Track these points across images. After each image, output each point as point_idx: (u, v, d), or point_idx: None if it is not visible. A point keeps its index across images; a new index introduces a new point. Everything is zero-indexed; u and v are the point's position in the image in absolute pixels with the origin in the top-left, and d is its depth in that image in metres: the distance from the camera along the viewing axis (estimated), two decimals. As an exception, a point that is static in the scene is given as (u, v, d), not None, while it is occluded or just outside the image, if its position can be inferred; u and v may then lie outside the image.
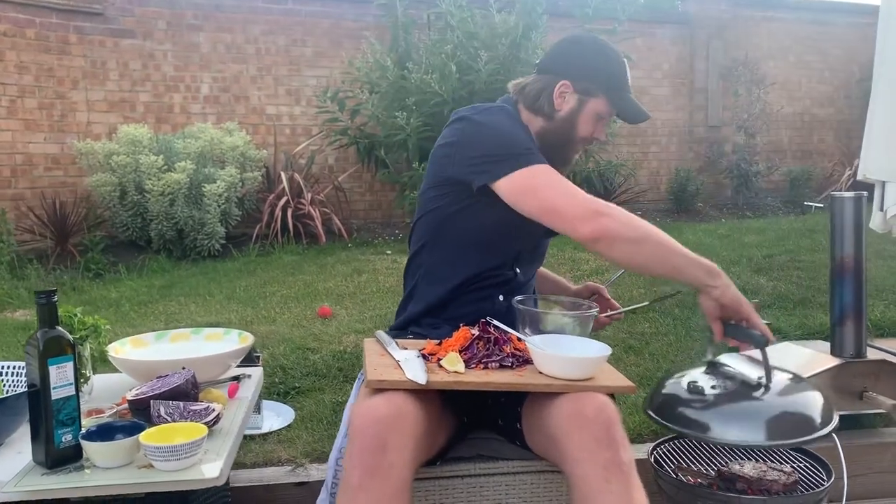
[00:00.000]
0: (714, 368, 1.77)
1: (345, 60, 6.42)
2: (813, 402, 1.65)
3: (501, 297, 1.73)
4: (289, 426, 2.43)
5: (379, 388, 1.37)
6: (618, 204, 1.64)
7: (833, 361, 2.31)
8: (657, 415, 1.69)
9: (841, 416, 2.28)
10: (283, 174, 5.99)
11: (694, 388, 1.67)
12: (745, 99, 7.94)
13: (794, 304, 3.80)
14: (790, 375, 1.75)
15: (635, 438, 2.32)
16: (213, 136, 5.61)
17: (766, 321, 2.92)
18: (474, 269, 1.72)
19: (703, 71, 8.12)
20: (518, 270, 1.76)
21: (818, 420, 1.60)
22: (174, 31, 6.29)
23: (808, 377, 2.26)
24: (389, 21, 6.44)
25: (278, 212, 5.74)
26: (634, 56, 7.28)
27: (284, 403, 2.62)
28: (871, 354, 2.38)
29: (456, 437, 1.63)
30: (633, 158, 7.74)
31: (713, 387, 1.66)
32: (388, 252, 5.51)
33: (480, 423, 1.68)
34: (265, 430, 2.37)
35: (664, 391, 1.76)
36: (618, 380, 1.53)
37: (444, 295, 1.74)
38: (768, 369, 1.67)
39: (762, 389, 1.64)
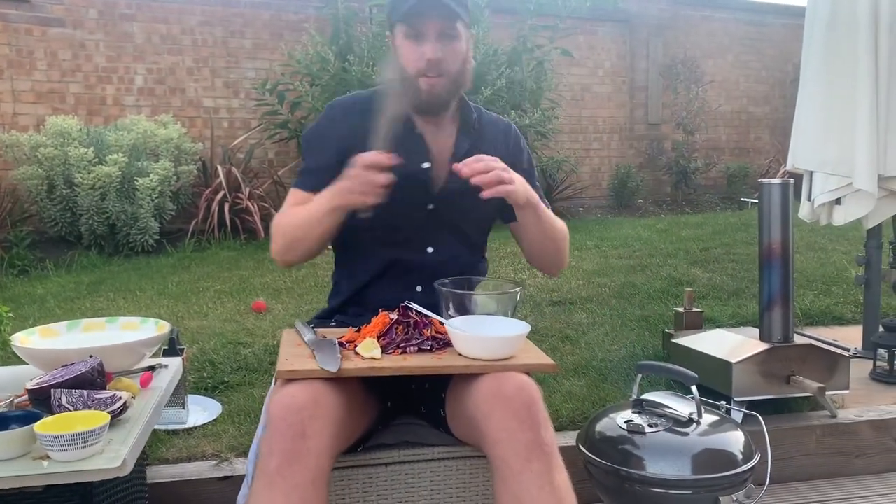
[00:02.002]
0: (641, 406, 1.88)
1: (285, 53, 6.30)
2: (736, 439, 1.79)
3: (420, 288, 1.68)
4: (215, 420, 2.35)
5: (291, 378, 1.33)
6: (560, 200, 1.69)
7: (761, 346, 2.34)
8: (593, 452, 1.82)
9: (768, 400, 2.33)
10: (220, 168, 5.85)
11: (634, 428, 1.78)
12: (685, 97, 8.08)
13: (729, 295, 3.86)
14: (715, 411, 1.91)
15: (567, 425, 2.31)
16: (147, 128, 5.44)
17: (699, 310, 2.96)
18: (383, 257, 1.69)
19: (643, 69, 8.23)
20: (431, 249, 1.69)
21: (740, 457, 1.76)
22: (106, 21, 6.08)
23: (737, 362, 2.29)
24: (330, 13, 6.35)
25: (215, 206, 5.60)
26: (577, 53, 7.35)
27: (212, 398, 2.54)
28: (799, 339, 2.42)
29: (379, 423, 1.59)
30: (576, 155, 7.80)
31: (650, 425, 1.78)
32: (330, 247, 5.41)
33: (405, 409, 1.64)
34: (190, 424, 2.29)
35: (602, 430, 1.87)
36: (538, 357, 1.49)
37: (362, 285, 1.72)
38: (699, 405, 1.79)
39: (693, 425, 1.78)
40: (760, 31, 8.90)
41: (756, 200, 7.58)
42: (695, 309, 2.92)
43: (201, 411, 2.41)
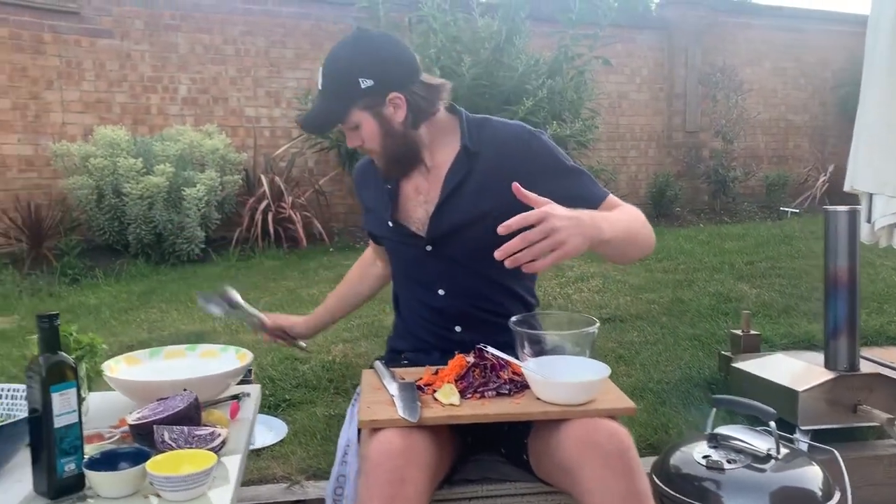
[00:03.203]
0: (716, 441, 1.87)
1: (326, 63, 6.35)
2: (814, 475, 1.78)
3: (459, 329, 1.70)
4: (282, 441, 2.39)
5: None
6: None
7: (827, 375, 2.32)
8: (670, 486, 1.81)
9: (835, 430, 2.31)
10: (263, 177, 5.92)
11: (712, 464, 1.77)
12: (723, 105, 8.02)
13: (779, 313, 3.83)
14: (789, 445, 1.89)
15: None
16: (193, 138, 5.53)
17: (757, 332, 2.95)
18: (413, 300, 1.74)
19: (681, 77, 8.19)
20: (441, 292, 1.69)
21: (819, 493, 1.75)
22: (151, 31, 6.19)
23: (804, 390, 2.28)
24: (371, 24, 6.39)
25: (259, 215, 5.68)
26: (615, 61, 7.31)
27: (276, 417, 2.57)
28: (865, 367, 2.40)
29: (461, 458, 1.61)
30: (613, 163, 7.78)
31: (729, 461, 1.78)
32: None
33: (485, 446, 1.65)
34: (258, 445, 2.33)
35: (678, 464, 1.86)
36: (617, 401, 1.46)
37: (407, 324, 1.78)
38: (778, 441, 1.79)
39: (771, 461, 1.77)
40: (799, 39, 8.81)
41: (796, 210, 7.44)
42: (752, 331, 2.91)
43: (267, 431, 2.44)
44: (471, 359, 1.55)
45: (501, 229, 1.30)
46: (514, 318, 1.58)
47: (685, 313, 3.78)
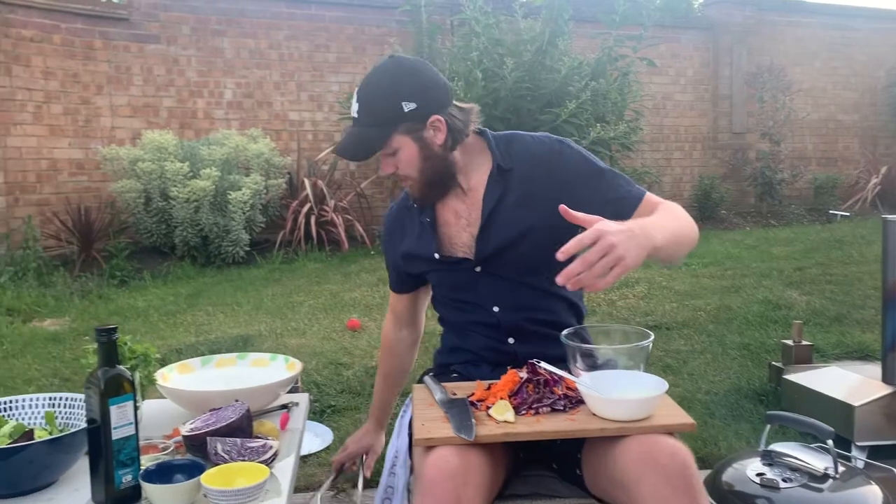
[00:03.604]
0: (770, 458, 1.83)
1: (368, 66, 6.39)
2: (874, 496, 1.72)
3: (512, 340, 1.68)
4: (328, 448, 2.40)
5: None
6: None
7: (885, 389, 2.26)
8: (722, 503, 1.78)
9: (893, 446, 2.25)
10: (306, 181, 5.97)
11: (767, 482, 1.73)
12: (770, 105, 7.86)
13: (830, 321, 3.74)
14: (846, 463, 1.84)
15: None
16: (238, 143, 5.60)
17: (809, 343, 2.88)
18: (465, 320, 1.73)
19: (727, 77, 8.05)
20: (496, 310, 1.68)
21: None
22: (198, 37, 6.28)
23: (860, 405, 2.22)
24: (413, 27, 6.41)
25: (302, 218, 5.73)
26: (659, 62, 7.22)
27: (322, 423, 2.59)
28: (924, 382, 2.32)
29: (512, 472, 1.59)
30: (657, 164, 7.68)
31: (784, 479, 1.73)
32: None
33: (536, 461, 1.64)
34: (304, 451, 2.34)
35: (731, 481, 1.82)
36: (675, 416, 1.43)
37: (455, 338, 1.77)
38: (836, 460, 1.74)
39: (829, 481, 1.72)
40: (849, 37, 8.60)
41: (846, 213, 7.25)
42: (803, 342, 2.84)
43: (313, 437, 2.46)
44: (523, 374, 1.53)
45: (560, 255, 1.29)
46: (565, 332, 1.56)
47: (733, 321, 3.71)
